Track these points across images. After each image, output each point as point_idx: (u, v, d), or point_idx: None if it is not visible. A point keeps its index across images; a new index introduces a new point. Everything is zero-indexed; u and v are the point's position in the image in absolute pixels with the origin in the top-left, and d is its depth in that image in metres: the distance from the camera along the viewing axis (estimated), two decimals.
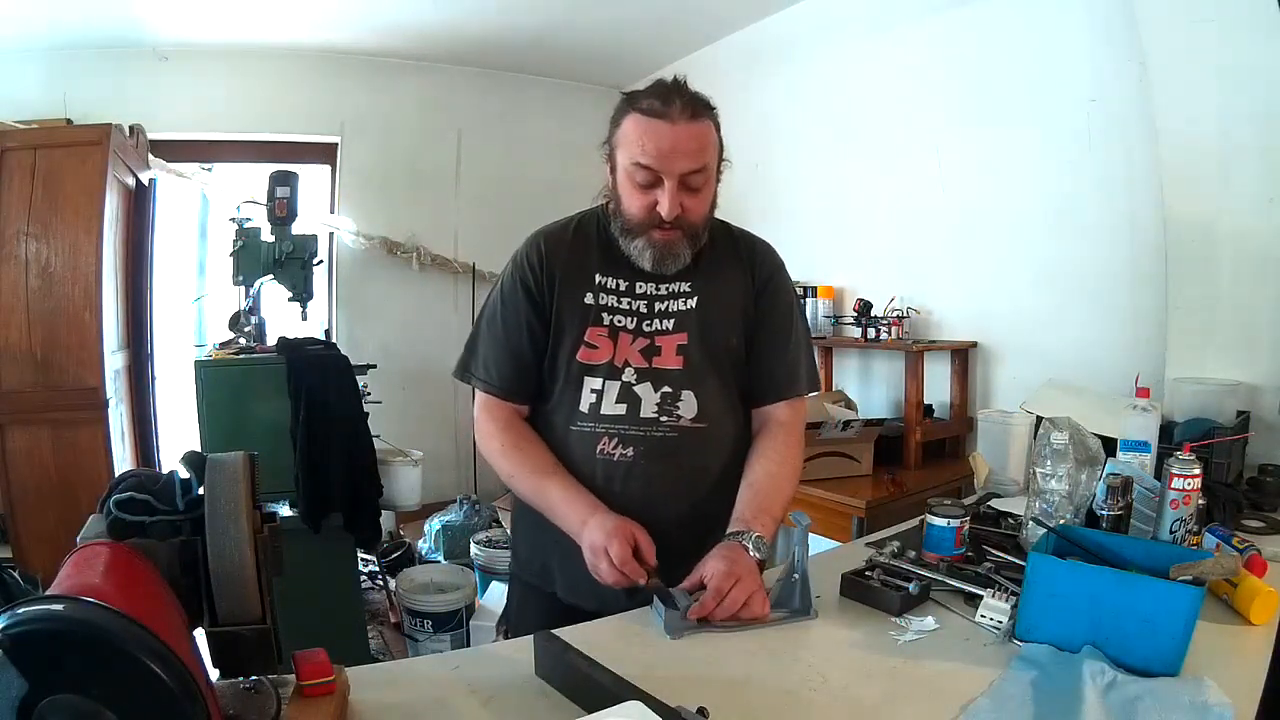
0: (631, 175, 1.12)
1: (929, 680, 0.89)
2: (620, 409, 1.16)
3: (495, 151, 4.12)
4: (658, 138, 1.08)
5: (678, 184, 1.10)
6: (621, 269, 1.21)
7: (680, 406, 1.17)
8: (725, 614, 1.00)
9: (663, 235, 1.15)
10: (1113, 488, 1.22)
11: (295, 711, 0.74)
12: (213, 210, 3.63)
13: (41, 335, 2.52)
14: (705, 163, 1.12)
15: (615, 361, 1.18)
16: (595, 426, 1.17)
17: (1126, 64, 2.07)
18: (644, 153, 1.09)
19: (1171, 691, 0.83)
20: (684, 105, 1.09)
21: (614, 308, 1.20)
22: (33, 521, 2.51)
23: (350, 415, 2.36)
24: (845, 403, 2.75)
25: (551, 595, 1.23)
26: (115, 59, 3.26)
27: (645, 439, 1.16)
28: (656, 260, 1.17)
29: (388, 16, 3.29)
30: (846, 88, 3.01)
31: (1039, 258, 2.40)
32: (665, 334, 1.19)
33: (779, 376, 1.27)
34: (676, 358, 1.18)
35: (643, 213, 1.13)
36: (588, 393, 1.17)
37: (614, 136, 1.16)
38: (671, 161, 1.09)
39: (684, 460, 1.18)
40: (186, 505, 0.72)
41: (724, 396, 1.22)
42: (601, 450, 1.16)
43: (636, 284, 1.21)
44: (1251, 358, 1.79)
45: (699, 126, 1.11)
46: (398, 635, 2.85)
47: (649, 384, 1.17)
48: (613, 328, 1.19)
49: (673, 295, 1.21)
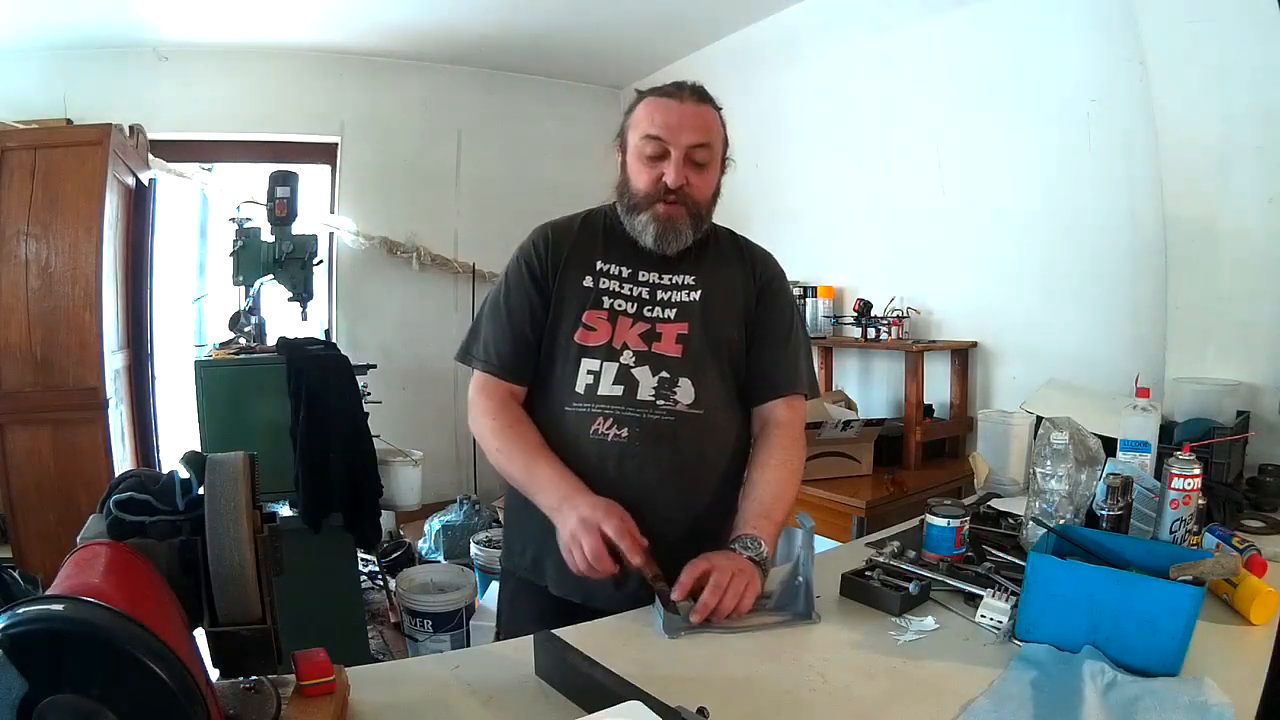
0: (640, 151, 1.18)
1: (929, 680, 0.89)
2: (617, 390, 1.17)
3: (495, 151, 4.12)
4: (666, 112, 1.17)
5: (684, 156, 1.17)
6: (625, 257, 1.24)
7: (678, 391, 1.18)
8: (731, 604, 1.01)
9: (666, 209, 1.18)
10: (1113, 488, 1.22)
11: (295, 711, 0.74)
12: (213, 210, 3.63)
13: (41, 335, 2.52)
14: (710, 141, 1.19)
15: (614, 343, 1.19)
16: (591, 407, 1.17)
17: (1126, 64, 2.07)
18: (653, 124, 1.17)
19: (1171, 691, 0.83)
20: (692, 90, 1.20)
21: (614, 292, 1.23)
22: (33, 521, 2.51)
23: (350, 415, 2.36)
24: (845, 403, 2.75)
25: (543, 590, 1.22)
26: (115, 59, 3.26)
27: (641, 421, 1.16)
28: (658, 235, 1.19)
29: (388, 16, 3.29)
30: (847, 87, 3.01)
31: (1039, 258, 2.40)
32: (667, 322, 1.21)
33: (778, 374, 1.27)
34: (676, 345, 1.20)
35: (649, 185, 1.18)
36: (584, 373, 1.18)
37: (625, 124, 1.23)
38: (679, 133, 1.16)
39: (679, 446, 1.17)
40: (186, 505, 0.72)
41: (722, 388, 1.23)
42: (596, 430, 1.16)
43: (640, 272, 1.24)
44: (1251, 358, 1.79)
45: (706, 108, 1.20)
46: (398, 635, 2.85)
47: (647, 367, 1.18)
48: (612, 311, 1.21)
49: (676, 287, 1.24)
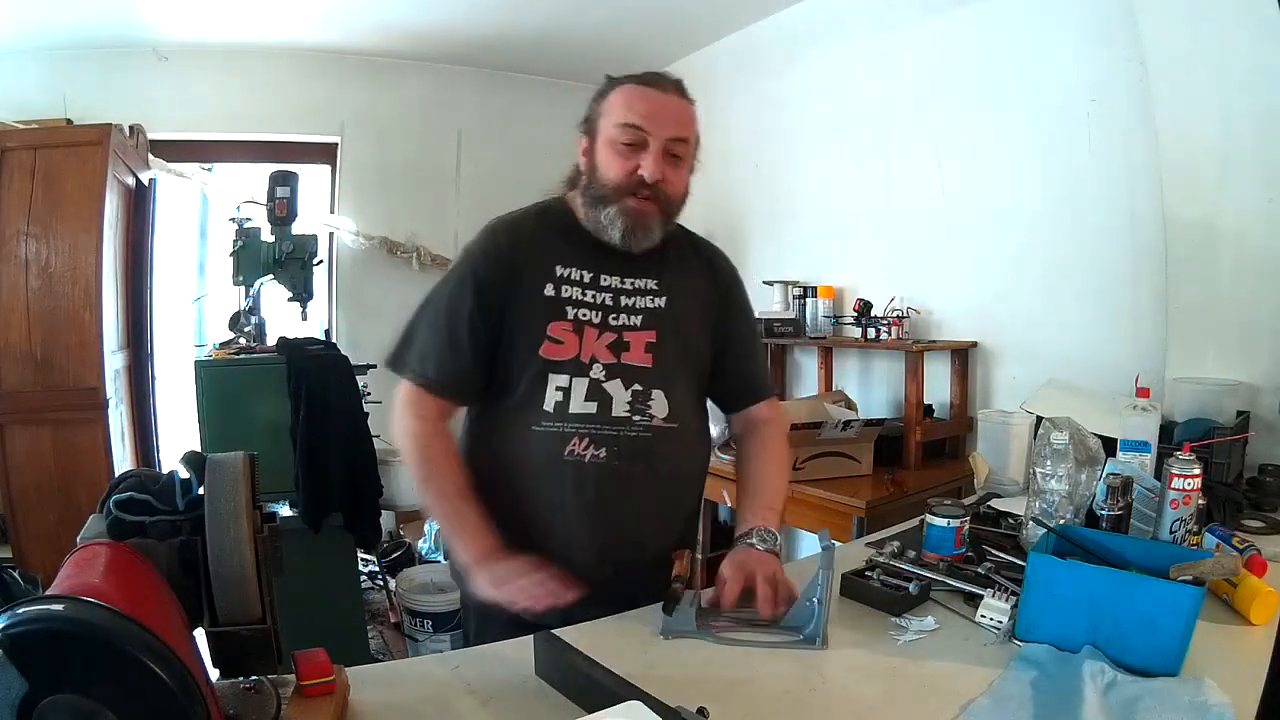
0: (616, 139, 1.11)
1: (929, 680, 0.89)
2: (590, 407, 1.10)
3: (495, 151, 4.12)
4: (648, 100, 1.11)
5: (662, 150, 1.11)
6: (585, 260, 1.16)
7: (652, 405, 1.13)
8: (784, 603, 1.01)
9: (638, 204, 1.12)
10: (1113, 488, 1.22)
11: (295, 711, 0.74)
12: (213, 210, 3.63)
13: (41, 335, 2.52)
14: (689, 136, 1.14)
15: (582, 357, 1.12)
16: (564, 426, 1.09)
17: (1126, 64, 2.07)
18: (634, 112, 1.10)
19: (1171, 691, 0.83)
20: (673, 83, 1.15)
21: (578, 300, 1.14)
22: (33, 521, 2.51)
23: (350, 415, 2.35)
24: (845, 403, 2.75)
25: (513, 616, 1.01)
26: (115, 59, 3.25)
27: (618, 439, 1.10)
28: (627, 231, 1.13)
29: (388, 16, 3.29)
30: (846, 88, 3.01)
31: (1039, 258, 2.40)
32: (634, 330, 1.15)
33: (755, 380, 1.29)
34: (646, 355, 1.14)
35: (623, 176, 1.11)
36: (553, 390, 1.10)
37: (596, 110, 1.16)
38: (661, 124, 1.10)
39: (657, 462, 1.13)
40: (186, 505, 0.72)
41: (691, 398, 1.20)
42: (571, 452, 1.09)
43: (600, 276, 1.16)
44: (1251, 358, 1.79)
45: (686, 102, 1.15)
46: (398, 635, 2.85)
47: (619, 381, 1.12)
48: (577, 321, 1.13)
49: (639, 292, 1.17)
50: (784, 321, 2.95)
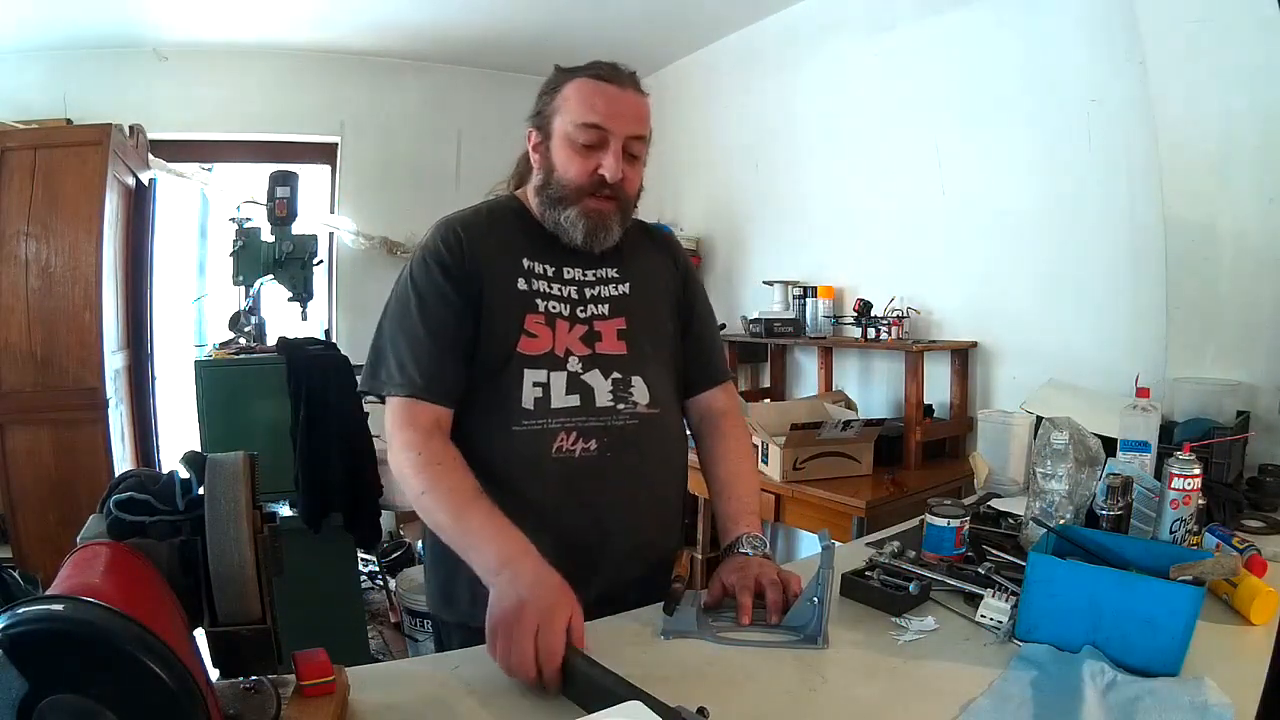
0: (574, 139, 1.08)
1: (929, 680, 0.89)
2: (573, 400, 1.07)
3: (495, 151, 4.10)
4: (608, 98, 1.08)
5: (621, 148, 1.09)
6: (547, 254, 1.14)
7: (634, 392, 1.12)
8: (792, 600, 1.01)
9: (598, 204, 1.10)
10: (1113, 488, 1.22)
11: (295, 711, 0.74)
12: (213, 210, 3.63)
13: (41, 335, 2.52)
14: (646, 133, 1.13)
15: (556, 350, 1.09)
16: (548, 422, 1.06)
17: (1126, 64, 2.07)
18: (594, 111, 1.07)
19: (1171, 691, 0.83)
20: (629, 77, 1.12)
21: (546, 294, 1.12)
22: (33, 521, 2.51)
23: (350, 415, 2.35)
24: (845, 403, 2.75)
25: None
26: (115, 59, 3.26)
27: (607, 429, 1.08)
28: (588, 232, 1.11)
29: (388, 16, 3.29)
30: (846, 87, 3.01)
31: (1039, 258, 2.40)
32: (603, 319, 1.14)
33: (714, 362, 1.29)
34: (619, 342, 1.13)
35: (582, 177, 1.09)
36: (530, 387, 1.06)
37: (549, 106, 1.12)
38: (622, 122, 1.08)
39: (646, 449, 1.12)
40: (186, 505, 0.72)
41: (667, 382, 1.20)
42: (559, 449, 1.06)
43: (564, 269, 1.14)
44: (1251, 358, 1.79)
45: (643, 97, 1.13)
46: (398, 635, 2.85)
47: (597, 371, 1.10)
48: (549, 314, 1.11)
49: (603, 281, 1.17)
50: (784, 321, 2.95)
